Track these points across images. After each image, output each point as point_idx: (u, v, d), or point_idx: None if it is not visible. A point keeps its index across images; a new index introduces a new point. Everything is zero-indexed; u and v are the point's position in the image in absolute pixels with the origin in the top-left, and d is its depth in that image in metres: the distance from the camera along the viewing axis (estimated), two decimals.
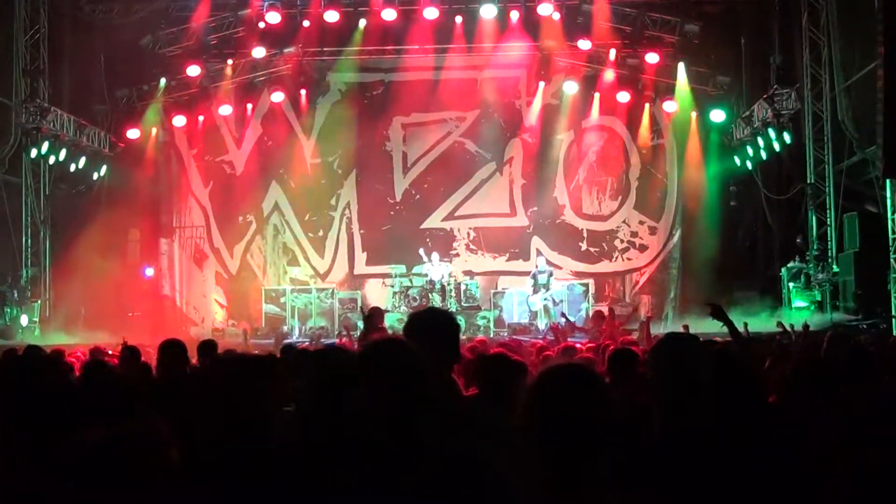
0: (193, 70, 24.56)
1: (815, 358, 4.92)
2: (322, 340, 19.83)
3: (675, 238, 25.79)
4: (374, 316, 13.73)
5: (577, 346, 10.25)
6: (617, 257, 26.09)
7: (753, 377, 4.44)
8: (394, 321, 22.20)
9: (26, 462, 2.77)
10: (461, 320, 16.67)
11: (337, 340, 12.54)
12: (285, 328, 23.59)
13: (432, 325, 4.14)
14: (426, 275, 23.67)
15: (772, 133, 22.02)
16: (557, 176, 26.11)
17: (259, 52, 24.41)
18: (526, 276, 24.04)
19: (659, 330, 18.25)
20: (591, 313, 17.61)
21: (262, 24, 23.71)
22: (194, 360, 8.40)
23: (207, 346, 8.36)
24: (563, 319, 17.21)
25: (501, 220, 26.17)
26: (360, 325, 18.56)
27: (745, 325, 8.71)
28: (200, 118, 25.69)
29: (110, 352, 10.43)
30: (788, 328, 11.47)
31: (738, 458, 3.50)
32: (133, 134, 24.85)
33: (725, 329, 6.26)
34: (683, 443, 3.58)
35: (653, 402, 3.97)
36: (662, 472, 3.37)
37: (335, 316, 24.12)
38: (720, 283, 23.11)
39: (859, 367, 5.22)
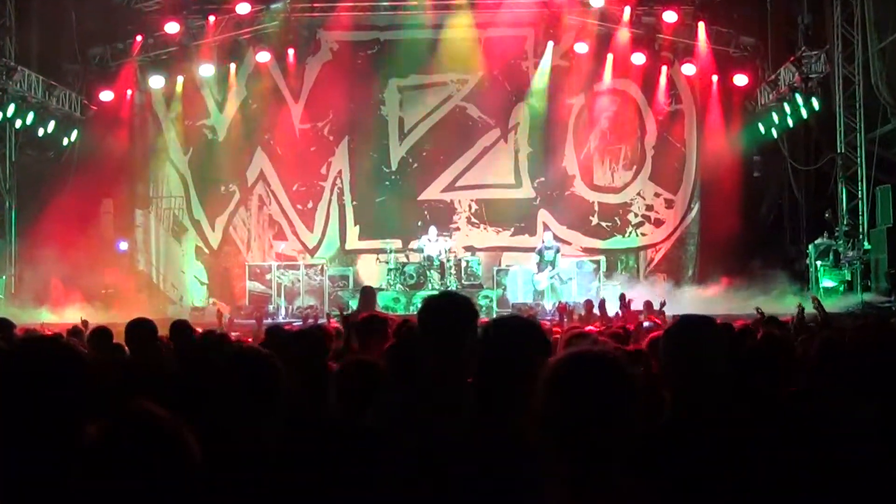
0: (172, 27, 24.47)
1: (839, 343, 4.87)
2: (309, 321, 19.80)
3: (694, 212, 25.85)
4: (366, 295, 13.85)
5: (589, 328, 10.28)
6: (630, 232, 26.13)
7: (778, 365, 4.45)
8: (388, 300, 22.32)
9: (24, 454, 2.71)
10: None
11: (327, 321, 12.47)
12: (271, 307, 23.68)
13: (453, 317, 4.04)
14: (423, 250, 23.67)
15: (799, 99, 21.97)
16: (567, 144, 26.09)
17: (243, 8, 24.30)
18: (532, 252, 24.12)
19: (675, 311, 18.26)
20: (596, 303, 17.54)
21: None
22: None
23: (182, 328, 8.22)
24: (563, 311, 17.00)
25: (505, 192, 26.18)
26: (353, 304, 18.64)
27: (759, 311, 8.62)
28: (180, 79, 25.63)
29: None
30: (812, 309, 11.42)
31: (747, 454, 3.48)
32: (106, 96, 24.83)
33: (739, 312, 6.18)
34: (689, 435, 3.58)
35: (664, 390, 3.99)
36: (664, 464, 3.36)
37: (325, 294, 24.16)
38: (742, 260, 23.18)
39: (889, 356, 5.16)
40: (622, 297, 17.68)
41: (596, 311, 16.53)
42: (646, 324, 14.14)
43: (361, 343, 6.74)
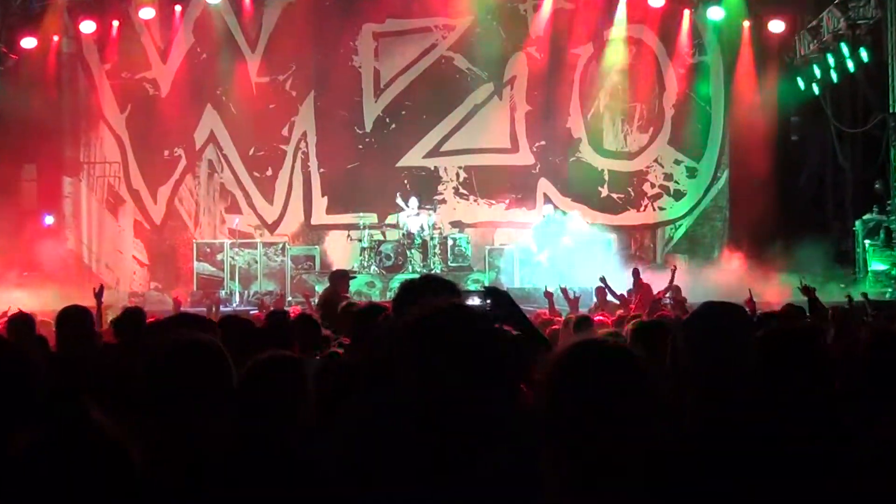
0: None
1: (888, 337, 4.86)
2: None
3: (721, 182, 26.00)
4: (336, 280, 14.07)
5: (598, 318, 10.39)
6: (646, 206, 26.26)
7: (821, 360, 4.40)
8: (361, 285, 22.27)
9: None
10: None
11: (292, 310, 12.48)
12: (223, 293, 23.72)
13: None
14: (403, 226, 23.78)
15: (845, 49, 22.01)
16: (572, 101, 26.13)
17: None
18: (530, 228, 24.31)
19: (698, 298, 18.27)
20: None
21: None
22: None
23: (131, 318, 8.00)
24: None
25: (500, 158, 26.25)
26: (319, 289, 18.61)
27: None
28: (115, 24, 25.55)
29: None
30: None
31: (783, 464, 3.49)
32: (29, 43, 24.68)
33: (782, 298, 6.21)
34: (716, 441, 3.59)
35: (683, 388, 3.97)
36: (685, 476, 3.38)
37: (287, 278, 24.24)
38: (777, 239, 23.19)
39: None
40: (635, 272, 17.73)
41: (611, 298, 16.54)
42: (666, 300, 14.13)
43: (356, 338, 6.67)
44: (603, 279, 17.10)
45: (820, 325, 7.72)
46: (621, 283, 18.50)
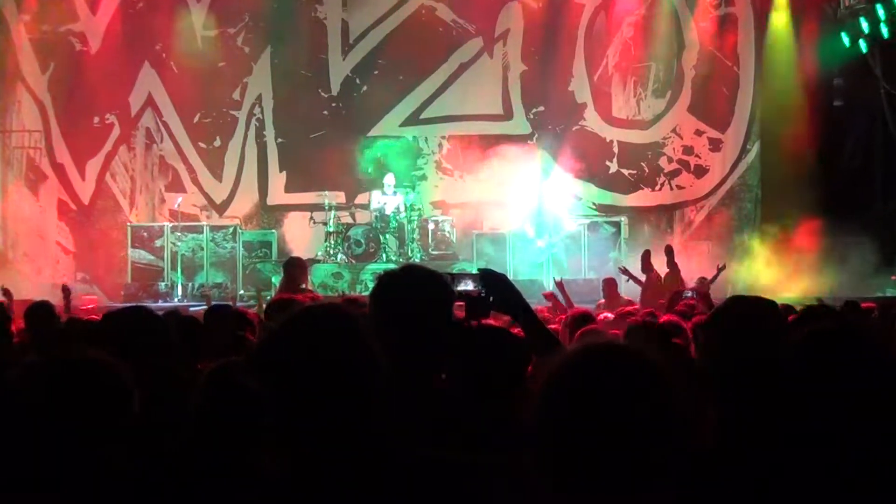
0: None
1: None
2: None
3: (751, 156, 26.12)
4: (293, 270, 14.06)
5: (603, 316, 10.50)
6: (663, 184, 26.40)
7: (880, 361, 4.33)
8: (326, 276, 22.29)
9: None
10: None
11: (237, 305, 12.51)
12: (162, 285, 23.83)
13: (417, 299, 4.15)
14: (376, 207, 23.82)
15: None
16: (575, 60, 26.18)
17: None
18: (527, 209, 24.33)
19: (724, 293, 18.36)
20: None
21: None
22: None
23: (39, 315, 8.19)
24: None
25: (491, 126, 26.30)
26: (276, 281, 18.59)
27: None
28: None
29: None
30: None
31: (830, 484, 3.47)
32: None
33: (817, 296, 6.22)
34: (745, 456, 3.60)
35: (705, 394, 3.98)
36: (710, 495, 3.39)
37: (238, 268, 24.34)
38: (816, 223, 23.27)
39: None
40: (668, 249, 17.80)
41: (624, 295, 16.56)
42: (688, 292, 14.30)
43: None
44: (624, 269, 17.11)
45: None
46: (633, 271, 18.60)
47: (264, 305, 13.15)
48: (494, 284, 4.70)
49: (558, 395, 2.81)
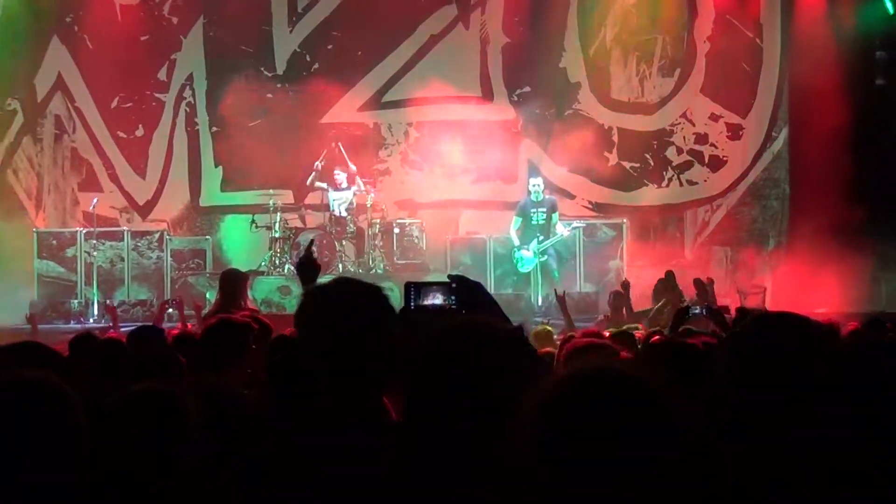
0: None
1: None
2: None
3: (777, 145, 26.20)
4: (230, 284, 14.16)
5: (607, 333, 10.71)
6: (672, 179, 26.41)
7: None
8: (271, 290, 22.23)
9: None
10: (392, 291, 16.81)
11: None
12: (75, 303, 23.70)
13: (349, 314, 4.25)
14: (329, 206, 23.97)
15: None
16: (567, 31, 26.26)
17: None
18: (510, 211, 24.46)
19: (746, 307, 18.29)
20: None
21: None
22: None
23: None
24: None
25: (467, 110, 26.30)
26: (211, 297, 18.54)
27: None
28: None
29: None
30: None
31: None
32: None
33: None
34: (769, 491, 3.71)
35: (720, 421, 4.10)
36: None
37: (165, 282, 24.37)
38: (855, 223, 23.23)
39: None
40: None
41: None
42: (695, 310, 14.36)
43: (207, 360, 7.22)
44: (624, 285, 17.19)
45: None
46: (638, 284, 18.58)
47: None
48: (467, 296, 4.88)
49: (546, 430, 2.84)
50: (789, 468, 3.77)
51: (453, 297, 4.90)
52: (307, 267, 6.95)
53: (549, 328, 13.49)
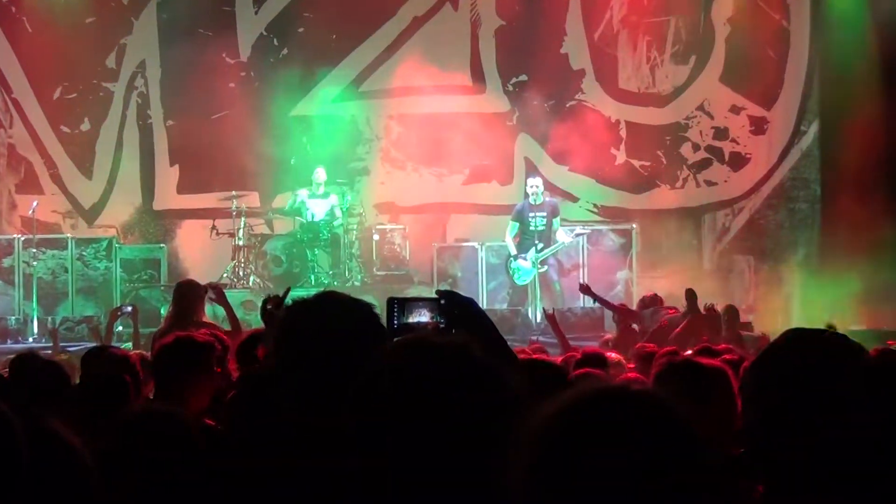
0: None
1: None
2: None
3: (807, 140, 26.20)
4: (184, 298, 14.20)
5: (612, 355, 10.73)
6: (687, 178, 26.43)
7: None
8: (234, 305, 21.83)
9: None
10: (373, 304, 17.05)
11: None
12: (12, 320, 23.62)
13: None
14: (303, 213, 24.01)
15: None
16: (569, 13, 26.36)
17: None
18: (505, 215, 24.37)
19: (775, 327, 18.18)
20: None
21: None
22: None
23: None
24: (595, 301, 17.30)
25: (456, 102, 26.47)
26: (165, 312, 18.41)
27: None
28: None
29: None
30: None
31: None
32: None
33: None
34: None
35: (746, 451, 4.29)
36: None
37: (114, 295, 24.16)
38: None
39: None
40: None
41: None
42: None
43: (162, 385, 7.36)
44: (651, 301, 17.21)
45: None
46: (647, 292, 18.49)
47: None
48: (458, 314, 4.85)
49: (549, 460, 2.83)
50: (818, 483, 3.81)
51: (441, 315, 4.88)
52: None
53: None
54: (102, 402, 7.07)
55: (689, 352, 10.38)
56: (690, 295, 18.16)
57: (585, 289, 15.99)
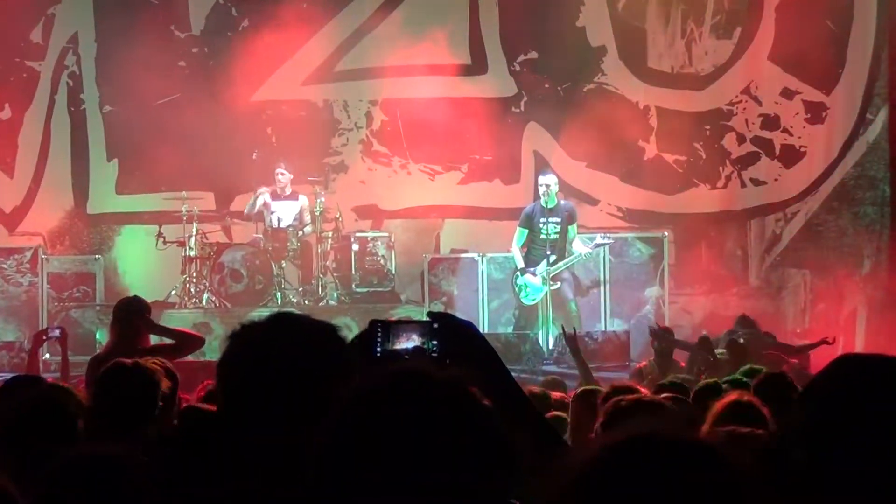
0: None
1: None
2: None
3: (874, 130, 26.24)
4: (127, 320, 14.16)
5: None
6: (730, 176, 26.42)
7: None
8: (185, 327, 21.73)
9: None
10: (350, 330, 16.84)
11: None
12: None
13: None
14: (267, 217, 24.33)
15: None
16: None
17: None
18: (510, 220, 24.58)
19: (836, 353, 18.06)
20: None
21: None
22: None
23: None
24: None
25: (452, 84, 26.62)
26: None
27: None
28: None
29: None
30: None
31: None
32: None
33: None
34: None
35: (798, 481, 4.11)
36: None
37: (41, 315, 24.32)
38: None
39: None
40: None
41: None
42: None
43: (92, 423, 7.45)
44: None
45: None
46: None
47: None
48: (453, 339, 4.76)
49: (590, 495, 2.90)
50: None
51: (434, 342, 4.68)
52: None
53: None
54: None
55: None
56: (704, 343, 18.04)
57: (571, 339, 15.52)
